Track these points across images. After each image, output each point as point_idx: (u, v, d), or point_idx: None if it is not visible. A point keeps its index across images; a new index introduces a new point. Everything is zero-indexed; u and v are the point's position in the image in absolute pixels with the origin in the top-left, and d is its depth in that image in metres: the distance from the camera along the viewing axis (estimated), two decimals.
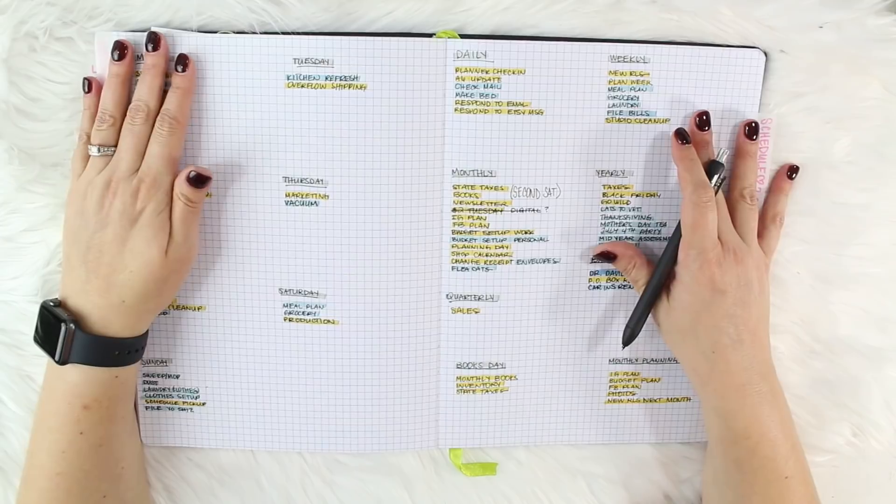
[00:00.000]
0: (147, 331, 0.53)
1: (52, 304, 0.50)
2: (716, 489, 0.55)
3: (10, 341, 0.56)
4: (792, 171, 0.55)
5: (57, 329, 0.49)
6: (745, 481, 0.52)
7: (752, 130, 0.54)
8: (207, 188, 0.51)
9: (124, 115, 0.51)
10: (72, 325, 0.49)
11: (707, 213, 0.51)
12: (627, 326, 0.55)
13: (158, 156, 0.50)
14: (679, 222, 0.53)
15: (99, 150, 0.50)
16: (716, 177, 0.52)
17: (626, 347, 0.57)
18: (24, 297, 0.55)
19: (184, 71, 0.51)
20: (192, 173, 0.50)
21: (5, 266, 0.55)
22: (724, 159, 0.53)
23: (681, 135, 0.53)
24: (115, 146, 0.51)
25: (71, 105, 0.53)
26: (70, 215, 0.50)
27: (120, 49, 0.50)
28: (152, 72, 0.51)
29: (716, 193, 0.52)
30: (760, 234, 0.55)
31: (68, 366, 0.49)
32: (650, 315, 0.55)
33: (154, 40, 0.50)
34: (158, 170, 0.50)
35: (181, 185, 0.50)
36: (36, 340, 0.51)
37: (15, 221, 0.54)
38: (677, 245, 0.52)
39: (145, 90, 0.51)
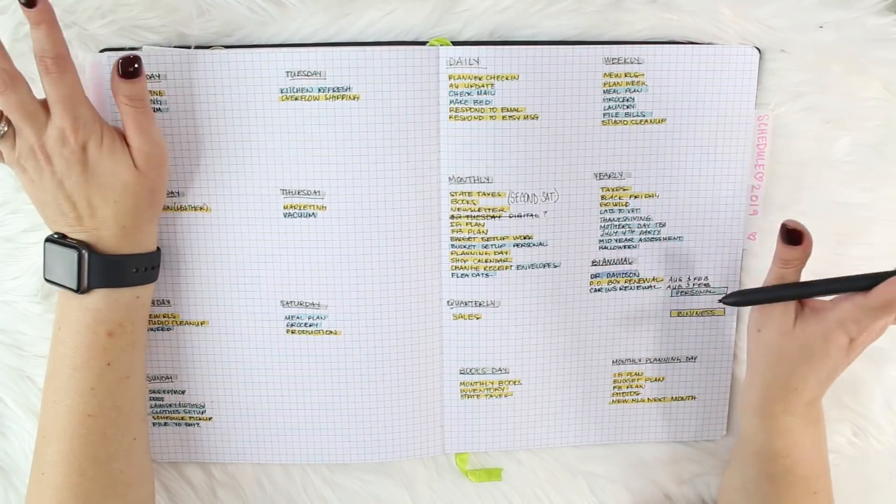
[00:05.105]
0: (159, 248, 0.52)
1: (56, 236, 0.49)
2: (742, 497, 0.54)
3: (10, 341, 0.56)
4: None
5: (71, 259, 0.47)
6: (774, 494, 0.52)
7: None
8: (143, 75, 0.48)
9: None
10: (84, 252, 0.47)
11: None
12: (740, 295, 0.51)
13: (59, 99, 0.46)
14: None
15: None
16: None
17: (720, 302, 0.54)
18: (24, 297, 0.55)
19: (32, 6, 0.44)
20: (119, 62, 0.47)
21: (5, 266, 0.55)
22: None
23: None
24: (7, 121, 0.47)
25: None
26: (24, 183, 0.48)
27: None
28: None
29: None
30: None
31: (89, 293, 0.48)
32: (754, 309, 0.51)
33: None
34: (66, 108, 0.46)
35: (118, 86, 0.48)
36: (48, 279, 0.49)
37: (15, 221, 0.54)
38: (862, 289, 0.47)
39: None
